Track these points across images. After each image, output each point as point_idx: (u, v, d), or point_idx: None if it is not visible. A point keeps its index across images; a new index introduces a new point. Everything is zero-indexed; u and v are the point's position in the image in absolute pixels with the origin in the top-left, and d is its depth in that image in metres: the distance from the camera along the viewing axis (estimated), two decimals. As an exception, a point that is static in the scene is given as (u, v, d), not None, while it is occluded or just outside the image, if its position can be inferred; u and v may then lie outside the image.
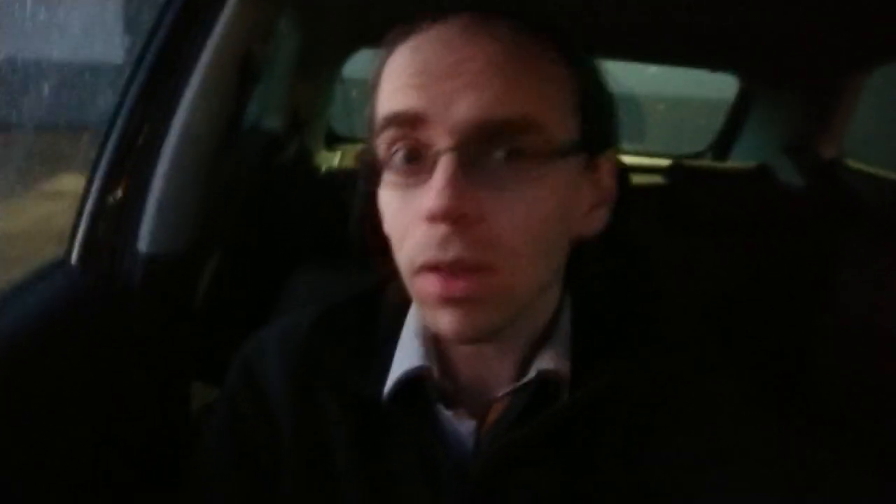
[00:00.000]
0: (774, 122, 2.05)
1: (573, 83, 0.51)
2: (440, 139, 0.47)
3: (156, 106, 0.90)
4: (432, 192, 0.46)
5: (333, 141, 2.18)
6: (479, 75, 0.47)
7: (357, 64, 1.94)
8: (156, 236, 0.91)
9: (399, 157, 0.50)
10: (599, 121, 0.53)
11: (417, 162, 0.49)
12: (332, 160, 2.04)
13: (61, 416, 0.73)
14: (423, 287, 0.49)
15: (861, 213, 1.67)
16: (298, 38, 1.48)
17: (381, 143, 0.51)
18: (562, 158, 0.49)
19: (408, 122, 0.48)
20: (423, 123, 0.48)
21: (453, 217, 0.46)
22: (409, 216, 0.49)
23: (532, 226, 0.48)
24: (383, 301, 0.62)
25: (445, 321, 0.49)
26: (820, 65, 1.73)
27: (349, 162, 2.01)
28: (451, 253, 0.47)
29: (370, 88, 0.53)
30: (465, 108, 0.47)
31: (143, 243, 0.91)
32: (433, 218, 0.46)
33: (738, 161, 2.17)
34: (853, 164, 1.85)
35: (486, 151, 0.47)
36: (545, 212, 0.49)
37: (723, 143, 2.25)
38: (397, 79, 0.50)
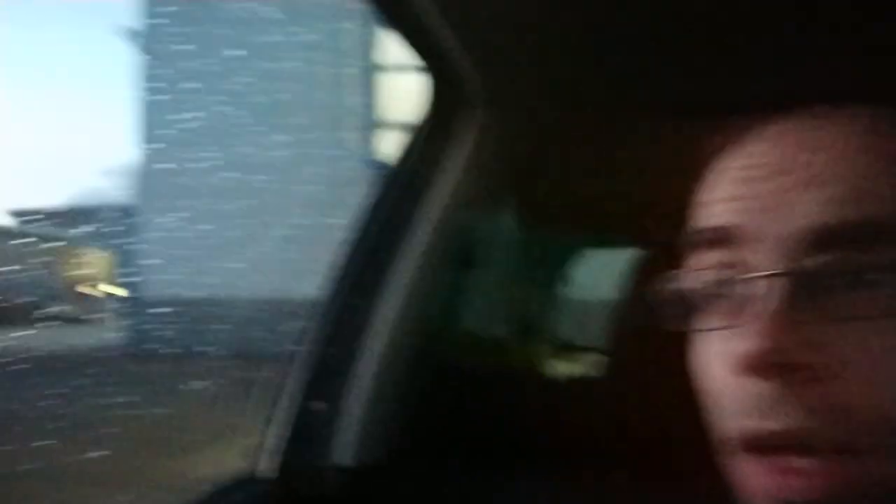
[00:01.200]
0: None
1: None
2: (762, 258, 0.35)
3: (359, 297, 0.82)
4: (751, 330, 0.33)
5: (563, 348, 2.05)
6: (821, 168, 0.35)
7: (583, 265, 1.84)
8: (358, 446, 0.79)
9: (709, 288, 0.38)
10: None
11: (732, 295, 0.36)
12: (562, 369, 1.90)
13: None
14: (744, 477, 0.34)
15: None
16: (521, 233, 1.41)
17: (690, 273, 0.40)
18: None
19: (719, 241, 0.38)
20: (739, 241, 0.37)
21: (780, 365, 0.32)
22: (721, 369, 0.36)
23: None
24: None
25: None
26: None
27: (582, 371, 1.87)
28: (779, 420, 0.32)
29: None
30: (798, 211, 0.35)
31: (343, 454, 0.79)
32: (750, 368, 0.32)
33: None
34: None
35: (830, 272, 0.34)
36: None
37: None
38: (715, 187, 0.40)
